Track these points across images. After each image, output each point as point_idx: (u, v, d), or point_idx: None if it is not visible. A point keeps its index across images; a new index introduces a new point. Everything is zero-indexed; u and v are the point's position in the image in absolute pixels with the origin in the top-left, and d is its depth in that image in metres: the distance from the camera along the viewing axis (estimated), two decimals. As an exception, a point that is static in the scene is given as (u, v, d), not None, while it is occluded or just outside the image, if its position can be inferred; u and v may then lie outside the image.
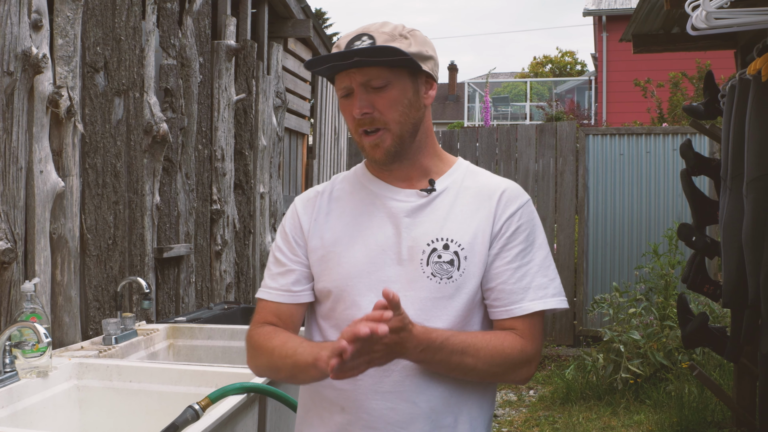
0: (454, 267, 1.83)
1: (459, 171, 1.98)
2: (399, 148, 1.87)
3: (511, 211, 1.90)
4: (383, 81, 1.84)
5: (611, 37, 19.10)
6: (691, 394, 5.97)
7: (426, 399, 1.82)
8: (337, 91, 1.91)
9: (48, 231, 3.26)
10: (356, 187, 1.97)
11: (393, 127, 1.85)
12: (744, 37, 4.57)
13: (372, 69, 1.83)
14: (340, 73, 1.86)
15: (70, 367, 2.91)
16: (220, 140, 5.26)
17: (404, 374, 1.81)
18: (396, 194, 1.91)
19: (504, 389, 7.04)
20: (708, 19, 3.01)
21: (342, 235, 1.90)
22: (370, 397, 1.81)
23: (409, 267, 1.84)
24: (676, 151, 8.23)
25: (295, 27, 6.85)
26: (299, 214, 1.98)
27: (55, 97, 3.24)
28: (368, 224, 1.90)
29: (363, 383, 1.81)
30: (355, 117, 1.85)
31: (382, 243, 1.86)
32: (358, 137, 1.88)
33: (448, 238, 1.85)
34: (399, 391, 1.81)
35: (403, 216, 1.88)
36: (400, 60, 1.83)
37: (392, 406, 1.80)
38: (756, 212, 3.41)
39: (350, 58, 1.80)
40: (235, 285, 5.64)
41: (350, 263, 1.87)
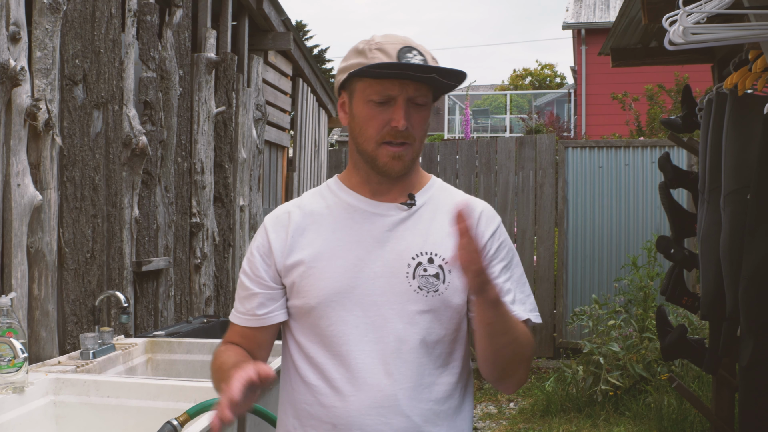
0: (439, 280, 1.84)
1: (434, 187, 2.00)
2: (411, 166, 1.89)
3: (492, 230, 1.94)
4: (425, 100, 1.86)
5: (590, 50, 19.23)
6: (671, 406, 5.99)
7: (419, 412, 1.82)
8: (368, 92, 1.84)
9: (25, 245, 3.23)
10: (333, 201, 1.95)
11: (416, 145, 1.87)
12: (721, 51, 4.61)
13: (422, 86, 1.84)
14: (390, 80, 1.81)
15: (47, 382, 2.88)
16: (200, 153, 5.25)
17: (398, 387, 1.80)
18: (376, 207, 1.91)
19: (484, 402, 7.04)
20: (685, 35, 3.04)
21: (322, 250, 1.88)
22: (364, 413, 1.80)
23: (395, 280, 1.83)
24: (655, 163, 8.28)
25: (275, 40, 6.84)
26: (269, 234, 1.94)
27: (33, 110, 3.22)
28: (349, 238, 1.88)
29: (356, 399, 1.81)
30: (396, 128, 1.81)
31: (364, 257, 1.86)
32: (376, 146, 1.84)
33: (432, 252, 1.85)
34: (392, 406, 1.80)
35: (385, 230, 1.88)
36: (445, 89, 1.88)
37: (386, 421, 1.80)
38: (733, 225, 3.43)
39: (429, 72, 1.80)
40: (215, 298, 5.61)
41: (332, 278, 1.85)
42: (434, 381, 1.85)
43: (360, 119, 1.86)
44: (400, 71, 1.79)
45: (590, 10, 21.01)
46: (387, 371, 1.81)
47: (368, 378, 1.80)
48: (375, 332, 1.82)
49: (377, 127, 1.83)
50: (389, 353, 1.81)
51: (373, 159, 1.86)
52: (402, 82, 1.81)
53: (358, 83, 1.86)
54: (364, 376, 1.81)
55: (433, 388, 1.84)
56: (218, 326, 4.49)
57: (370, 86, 1.83)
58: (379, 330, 1.82)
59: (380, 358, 1.81)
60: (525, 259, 8.52)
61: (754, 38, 3.18)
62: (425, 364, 1.83)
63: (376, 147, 1.85)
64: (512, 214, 8.66)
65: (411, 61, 1.80)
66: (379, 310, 1.83)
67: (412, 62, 1.80)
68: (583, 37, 19.85)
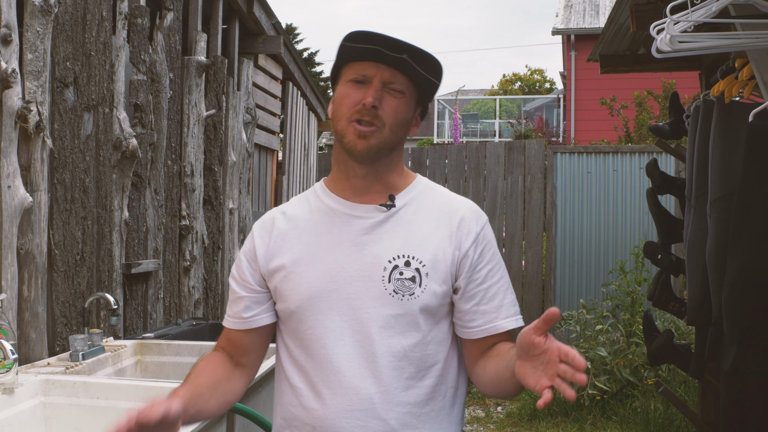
0: (415, 284, 1.84)
1: (418, 188, 1.99)
2: (379, 152, 1.88)
3: (474, 233, 1.93)
4: (401, 87, 1.87)
5: (579, 56, 19.29)
6: (657, 410, 6.03)
7: (395, 416, 1.83)
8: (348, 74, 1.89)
9: (15, 246, 3.24)
10: (315, 205, 1.97)
11: (386, 132, 1.87)
12: (708, 59, 4.64)
13: (400, 74, 1.86)
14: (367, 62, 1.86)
15: (37, 383, 2.89)
16: (190, 156, 5.26)
17: (373, 391, 1.82)
18: (354, 210, 1.92)
19: (472, 405, 7.06)
20: (672, 43, 3.07)
21: (302, 255, 1.90)
22: (341, 416, 1.82)
23: (370, 284, 1.85)
24: (643, 169, 8.33)
25: (265, 43, 6.86)
26: (255, 240, 1.99)
27: (23, 112, 3.23)
28: (327, 243, 1.90)
29: (333, 402, 1.82)
30: (363, 104, 1.84)
31: (341, 261, 1.87)
32: (346, 123, 1.86)
33: (409, 255, 1.86)
34: (368, 409, 1.82)
35: (362, 233, 1.89)
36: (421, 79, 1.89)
37: (362, 424, 1.81)
38: (719, 231, 3.46)
39: (400, 52, 1.83)
40: (204, 301, 5.62)
41: (310, 282, 1.87)
42: (413, 384, 1.85)
43: (338, 100, 1.90)
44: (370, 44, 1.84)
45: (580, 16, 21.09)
46: (363, 375, 1.82)
47: (344, 381, 1.82)
48: (352, 336, 1.84)
49: (350, 105, 1.87)
50: (366, 357, 1.83)
51: (341, 138, 1.89)
52: (378, 65, 1.85)
53: (342, 71, 1.92)
54: (340, 379, 1.82)
55: (411, 391, 1.85)
56: (207, 329, 4.50)
57: (349, 69, 1.89)
58: (355, 334, 1.84)
59: (357, 361, 1.83)
60: (513, 264, 8.56)
61: (741, 47, 3.21)
62: (402, 368, 1.84)
63: (346, 125, 1.87)
64: (501, 219, 8.69)
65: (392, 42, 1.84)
66: (355, 314, 1.84)
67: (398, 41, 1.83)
68: (572, 42, 19.92)
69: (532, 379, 1.60)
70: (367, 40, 1.83)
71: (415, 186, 1.99)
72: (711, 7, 3.03)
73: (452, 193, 2.04)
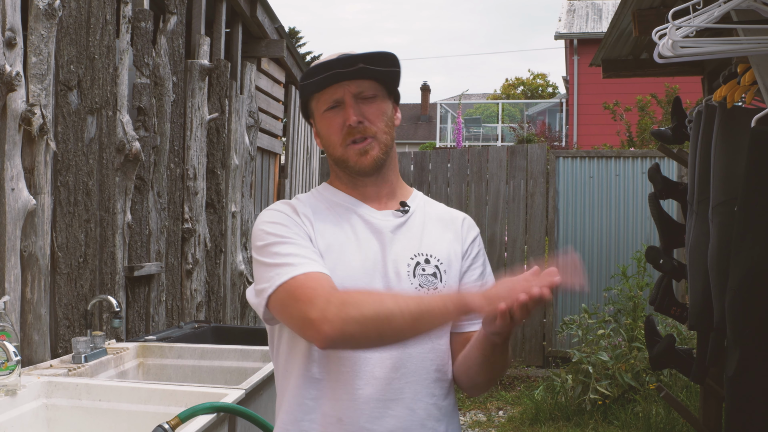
0: (437, 279, 1.91)
1: (418, 198, 2.09)
2: (383, 159, 1.94)
3: (473, 236, 2.06)
4: (374, 92, 1.92)
5: (582, 61, 19.32)
6: (659, 415, 6.02)
7: (423, 406, 1.86)
8: (320, 105, 1.94)
9: (18, 249, 3.25)
10: (330, 204, 1.98)
11: (381, 137, 1.92)
12: (710, 64, 4.65)
13: (364, 81, 1.91)
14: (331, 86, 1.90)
15: (39, 385, 2.90)
16: (193, 159, 5.27)
17: (403, 382, 1.84)
18: (372, 213, 1.96)
19: (473, 410, 7.06)
20: (674, 48, 3.07)
21: (333, 245, 1.89)
22: (372, 406, 1.82)
23: (396, 280, 1.88)
24: (645, 174, 8.32)
25: (268, 47, 6.88)
26: (297, 210, 1.90)
27: (27, 114, 3.24)
28: (355, 238, 1.92)
29: (363, 392, 1.82)
30: (349, 125, 1.88)
31: (371, 257, 1.90)
32: (343, 149, 1.91)
33: (427, 254, 1.93)
34: (398, 399, 1.83)
35: (384, 233, 1.93)
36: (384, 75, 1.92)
37: (394, 414, 1.83)
38: (721, 236, 3.46)
39: (355, 64, 1.86)
40: (206, 304, 5.62)
41: (346, 273, 1.85)
42: (437, 377, 1.90)
43: (323, 132, 1.95)
44: (327, 72, 1.87)
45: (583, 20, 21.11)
46: (394, 366, 1.84)
47: (375, 372, 1.83)
48: None
49: (337, 131, 1.91)
50: (396, 348, 1.84)
51: (344, 162, 1.93)
52: (341, 84, 1.89)
53: (313, 102, 1.97)
54: (371, 369, 1.83)
55: (437, 384, 1.89)
56: (209, 332, 4.50)
57: (318, 100, 1.94)
58: None
59: (387, 352, 1.84)
60: (515, 268, 8.55)
61: (743, 52, 3.22)
62: (431, 360, 1.89)
63: (343, 150, 1.91)
64: (503, 223, 8.69)
65: (346, 59, 1.87)
66: None
67: (351, 56, 1.87)
68: (575, 47, 19.94)
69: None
70: (322, 70, 1.87)
71: (415, 197, 2.08)
72: (713, 13, 3.04)
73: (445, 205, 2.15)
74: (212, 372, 3.76)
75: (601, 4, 22.15)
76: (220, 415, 2.61)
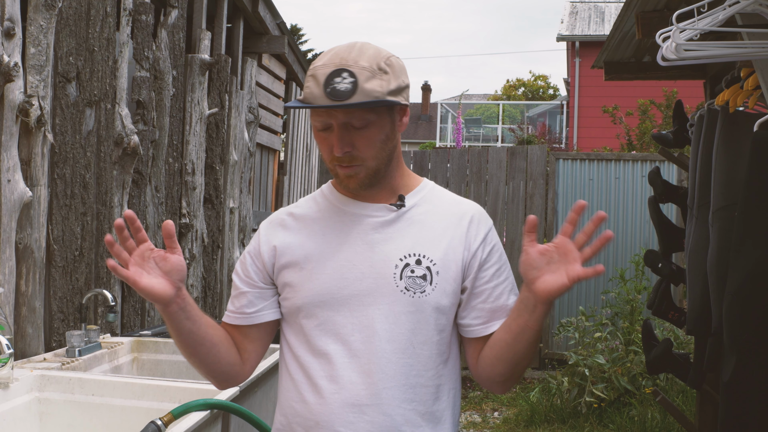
0: (426, 282, 1.85)
1: (425, 190, 2.00)
2: (373, 180, 1.89)
3: (483, 233, 1.96)
4: (364, 122, 1.82)
5: (584, 63, 19.30)
6: (654, 420, 6.01)
7: (401, 412, 1.83)
8: (314, 122, 1.88)
9: (14, 240, 3.23)
10: (324, 205, 1.97)
11: (369, 163, 1.86)
12: (713, 68, 4.63)
13: (353, 111, 1.80)
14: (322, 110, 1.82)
15: (32, 379, 2.88)
16: (191, 154, 5.25)
17: (381, 387, 1.81)
18: (364, 209, 1.92)
19: (469, 410, 7.04)
20: (678, 51, 3.05)
21: (312, 253, 1.90)
22: (347, 411, 1.81)
23: (382, 281, 1.84)
24: (645, 177, 8.31)
25: (270, 43, 6.85)
26: (261, 237, 1.98)
27: (25, 106, 3.22)
28: (338, 240, 1.90)
29: (339, 397, 1.82)
30: (334, 155, 1.83)
31: (352, 258, 1.87)
32: (332, 166, 1.88)
33: (420, 254, 1.87)
34: (375, 404, 1.81)
35: (373, 231, 1.89)
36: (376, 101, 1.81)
37: (370, 420, 1.81)
38: (720, 241, 3.44)
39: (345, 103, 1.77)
40: (202, 299, 5.60)
41: (321, 280, 1.86)
42: (420, 383, 1.85)
43: (317, 143, 1.92)
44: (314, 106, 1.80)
45: (585, 22, 21.10)
46: (371, 371, 1.82)
47: (353, 376, 1.82)
48: (361, 332, 1.83)
49: (326, 151, 1.87)
50: (375, 353, 1.82)
51: (335, 175, 1.91)
52: (329, 112, 1.81)
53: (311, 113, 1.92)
54: (349, 374, 1.82)
55: (418, 390, 1.85)
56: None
57: (311, 115, 1.89)
58: (365, 330, 1.83)
59: (366, 357, 1.82)
60: (513, 269, 8.51)
61: (746, 56, 3.20)
62: (411, 365, 1.84)
63: (332, 167, 1.89)
64: (502, 224, 8.67)
65: (337, 87, 1.78)
66: (365, 311, 1.84)
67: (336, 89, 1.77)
68: (577, 49, 19.93)
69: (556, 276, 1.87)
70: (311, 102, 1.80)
71: (422, 188, 2.00)
72: (717, 16, 3.02)
73: (458, 195, 2.05)
74: (207, 368, 3.73)
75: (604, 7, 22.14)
76: (213, 412, 2.60)
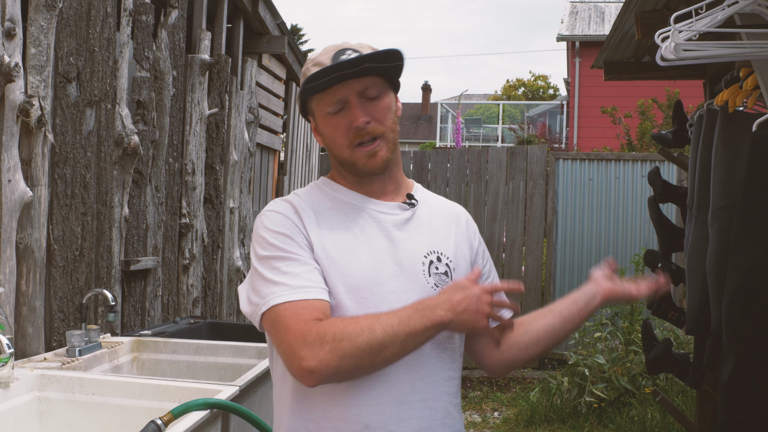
0: (448, 278, 1.89)
1: (420, 191, 2.05)
2: (390, 159, 1.89)
3: (477, 232, 2.07)
4: (378, 90, 1.86)
5: (584, 63, 19.31)
6: (654, 420, 6.01)
7: (442, 405, 1.86)
8: (322, 106, 1.87)
9: (14, 240, 3.23)
10: (334, 201, 1.92)
11: (388, 136, 1.88)
12: (713, 68, 4.63)
13: (368, 78, 1.85)
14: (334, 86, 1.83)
15: (32, 378, 2.88)
16: (191, 154, 5.25)
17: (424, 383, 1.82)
18: (379, 206, 1.92)
19: (468, 410, 7.05)
20: (677, 51, 3.06)
21: (344, 246, 1.83)
22: (398, 408, 1.79)
23: (412, 278, 1.84)
24: (645, 177, 8.32)
25: (270, 43, 6.86)
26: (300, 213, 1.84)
27: (26, 106, 3.22)
28: (363, 236, 1.86)
29: (388, 395, 1.78)
30: (357, 126, 1.82)
31: (382, 255, 1.84)
32: (350, 151, 1.85)
33: (438, 251, 1.91)
34: (422, 399, 1.82)
35: (395, 229, 1.89)
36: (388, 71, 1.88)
37: (418, 414, 1.81)
38: (720, 241, 3.45)
39: (360, 64, 1.80)
40: (202, 300, 5.61)
41: (360, 274, 1.80)
42: (451, 375, 1.89)
43: (328, 134, 1.89)
44: (331, 75, 1.80)
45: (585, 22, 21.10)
46: (415, 367, 1.81)
47: (399, 373, 1.79)
48: None
49: (344, 133, 1.85)
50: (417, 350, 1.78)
51: (352, 164, 1.88)
52: (344, 84, 1.83)
53: (313, 103, 1.90)
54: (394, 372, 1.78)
55: (452, 383, 1.89)
56: (204, 327, 4.49)
57: (321, 101, 1.87)
58: None
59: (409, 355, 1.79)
60: (513, 269, 8.55)
61: (746, 56, 3.20)
62: (444, 359, 1.87)
63: (350, 152, 1.86)
64: (502, 224, 8.68)
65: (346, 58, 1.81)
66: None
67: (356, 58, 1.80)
68: (577, 49, 19.93)
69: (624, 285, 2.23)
70: (327, 72, 1.80)
71: (417, 189, 2.04)
72: (716, 16, 3.02)
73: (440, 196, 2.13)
74: (207, 368, 3.74)
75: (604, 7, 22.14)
76: (213, 411, 2.60)
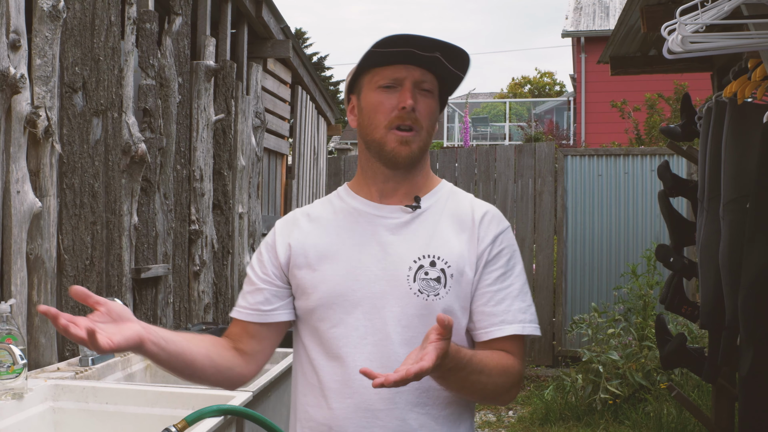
0: (440, 284, 1.82)
1: (443, 191, 1.98)
2: (419, 156, 1.89)
3: (493, 234, 1.92)
4: (431, 87, 1.87)
5: (590, 58, 19.24)
6: (670, 415, 5.99)
7: (415, 416, 1.81)
8: (377, 79, 1.86)
9: (25, 251, 3.23)
10: (338, 206, 1.96)
11: (423, 135, 1.87)
12: (720, 60, 4.61)
13: (428, 73, 1.86)
14: (395, 65, 1.84)
15: (46, 388, 2.88)
16: (199, 160, 5.25)
17: (394, 391, 1.78)
18: (379, 210, 1.91)
19: (483, 410, 7.03)
20: (684, 43, 3.04)
21: (326, 253, 1.88)
22: (360, 415, 1.79)
23: (395, 283, 1.82)
24: (654, 172, 8.28)
25: (274, 47, 6.85)
26: (276, 236, 1.96)
27: (32, 117, 3.22)
28: (351, 242, 1.88)
29: (352, 401, 1.80)
30: (403, 107, 1.82)
31: (366, 260, 1.85)
32: (385, 132, 1.84)
33: (435, 255, 1.84)
34: (389, 409, 1.79)
35: (387, 233, 1.87)
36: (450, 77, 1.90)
37: (383, 424, 1.79)
38: (732, 234, 3.43)
39: (432, 51, 1.81)
40: (214, 305, 5.61)
41: (334, 281, 1.85)
42: (434, 386, 1.81)
43: (368, 109, 1.88)
44: (402, 47, 1.80)
45: (590, 18, 21.04)
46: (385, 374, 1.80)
47: (366, 381, 1.75)
48: (374, 335, 1.81)
49: (386, 112, 1.84)
50: (387, 355, 1.80)
51: (381, 146, 1.86)
52: (407, 67, 1.83)
53: (366, 77, 1.89)
54: (362, 378, 1.75)
55: (432, 393, 1.82)
56: (217, 333, 4.44)
57: (377, 74, 1.86)
58: (378, 333, 1.81)
59: (379, 361, 1.79)
60: (524, 267, 8.51)
61: (753, 47, 3.18)
62: None
63: (385, 133, 1.85)
64: (511, 222, 8.65)
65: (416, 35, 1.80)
66: (379, 313, 1.82)
67: (431, 38, 1.80)
68: (582, 45, 19.87)
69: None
70: (399, 43, 1.79)
71: (439, 189, 1.99)
72: (723, 7, 3.00)
73: (477, 198, 2.01)
74: (220, 374, 3.73)
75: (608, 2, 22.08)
76: (227, 417, 2.59)
